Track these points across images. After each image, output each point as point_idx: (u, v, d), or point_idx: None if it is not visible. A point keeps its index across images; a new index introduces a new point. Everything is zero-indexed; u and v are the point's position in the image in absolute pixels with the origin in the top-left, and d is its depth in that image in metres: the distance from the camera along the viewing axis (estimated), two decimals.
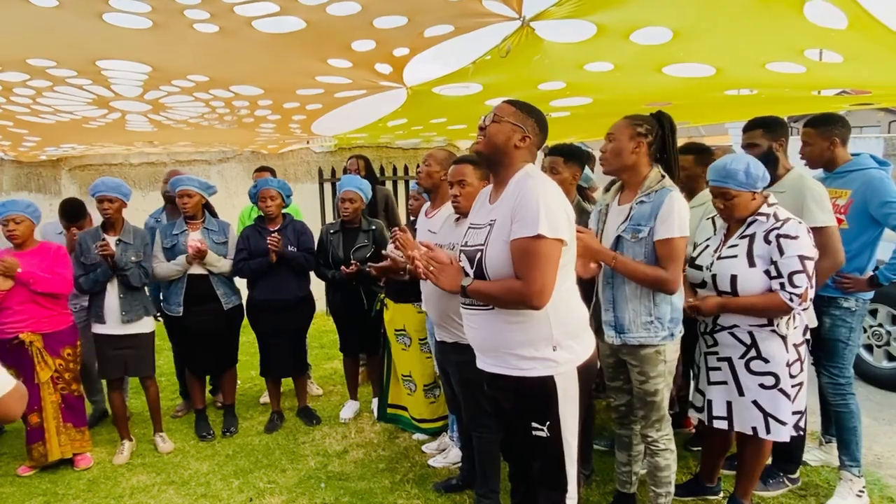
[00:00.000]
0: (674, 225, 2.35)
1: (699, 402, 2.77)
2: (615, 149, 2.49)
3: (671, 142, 2.52)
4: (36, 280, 3.40)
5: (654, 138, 2.49)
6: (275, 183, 4.10)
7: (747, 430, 2.59)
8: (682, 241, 2.38)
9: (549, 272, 1.91)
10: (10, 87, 3.28)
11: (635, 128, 2.46)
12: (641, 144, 2.46)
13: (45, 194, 7.08)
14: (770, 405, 2.52)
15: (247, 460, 3.76)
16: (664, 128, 2.50)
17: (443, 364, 3.13)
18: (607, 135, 2.54)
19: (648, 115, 2.53)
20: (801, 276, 2.38)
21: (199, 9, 2.28)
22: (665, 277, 2.38)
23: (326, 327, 6.19)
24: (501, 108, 2.08)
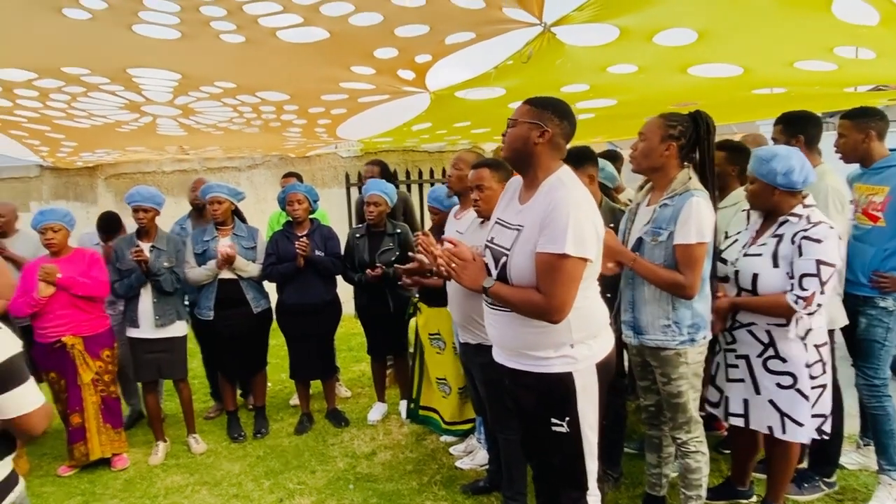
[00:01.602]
0: (691, 231, 2.31)
1: (714, 397, 2.74)
2: (645, 149, 2.46)
3: (707, 143, 2.45)
4: (75, 284, 3.52)
5: (687, 140, 2.43)
6: (302, 187, 4.17)
7: (763, 429, 2.57)
8: (699, 247, 2.33)
9: (571, 290, 1.90)
10: (47, 94, 3.41)
11: (668, 129, 2.41)
12: (672, 147, 2.41)
13: (82, 202, 7.30)
14: (787, 405, 2.49)
15: (277, 461, 3.83)
16: (699, 129, 2.44)
17: (467, 365, 3.15)
18: (639, 133, 2.49)
19: (686, 113, 2.47)
20: (811, 280, 2.34)
21: (225, 21, 2.35)
22: (681, 282, 2.35)
23: (354, 330, 6.24)
24: (517, 110, 2.06)
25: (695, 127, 2.44)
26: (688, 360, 2.47)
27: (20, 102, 3.54)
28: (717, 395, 2.74)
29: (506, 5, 2.24)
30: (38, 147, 5.42)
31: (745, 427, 2.63)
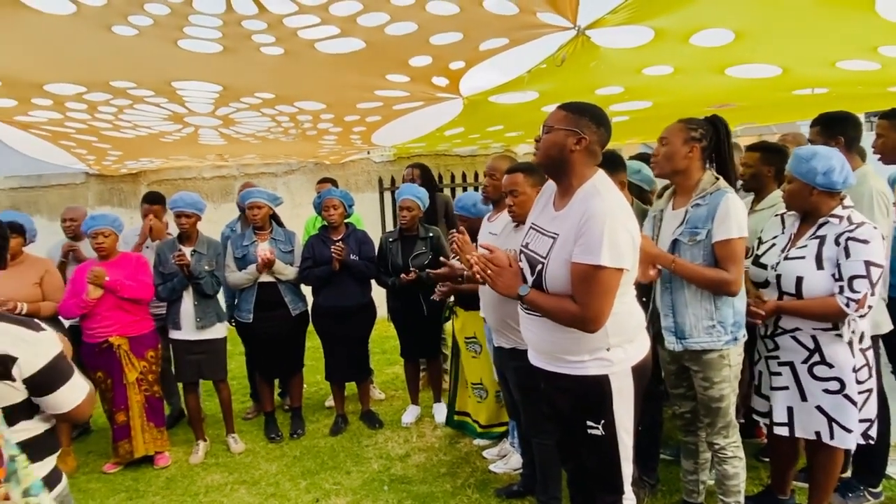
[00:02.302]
0: (732, 226, 2.32)
1: (763, 406, 2.69)
2: (668, 153, 2.46)
3: (726, 146, 2.47)
4: (122, 287, 3.66)
5: (709, 143, 2.44)
6: (337, 192, 4.25)
7: (810, 436, 2.51)
8: (741, 241, 2.34)
9: (607, 301, 1.90)
10: (96, 106, 3.55)
11: (689, 132, 2.42)
12: (695, 149, 2.42)
13: (125, 208, 7.53)
14: (835, 410, 2.43)
15: (313, 462, 3.90)
16: (719, 132, 2.45)
17: (501, 369, 3.16)
18: (660, 138, 2.50)
19: (704, 118, 2.48)
20: (861, 282, 2.29)
21: (266, 34, 2.42)
22: (727, 279, 2.34)
23: (388, 333, 6.31)
24: (552, 116, 2.04)
25: (714, 130, 2.45)
26: (730, 362, 2.45)
27: (70, 115, 3.70)
28: (765, 405, 2.68)
29: (539, 10, 2.25)
30: (86, 156, 5.63)
31: (790, 436, 2.57)
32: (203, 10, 2.19)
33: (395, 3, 2.14)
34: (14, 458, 1.38)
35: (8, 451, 1.37)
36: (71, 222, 4.46)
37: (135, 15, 2.21)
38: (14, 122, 3.89)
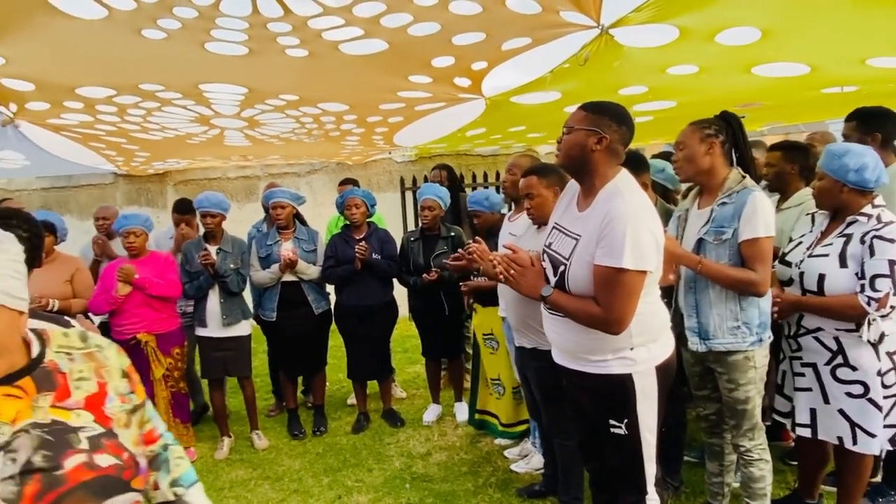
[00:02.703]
0: (759, 225, 2.27)
1: (784, 407, 2.65)
2: (687, 155, 2.43)
3: (743, 140, 2.43)
4: (151, 285, 3.74)
5: (727, 137, 2.40)
6: (360, 192, 4.28)
7: (832, 440, 2.47)
8: (768, 241, 2.30)
9: (630, 303, 1.88)
10: (125, 109, 3.64)
11: (703, 130, 2.39)
12: (714, 145, 2.38)
13: (152, 208, 7.68)
14: (857, 415, 2.38)
15: (335, 459, 3.94)
16: (732, 126, 2.41)
17: (522, 370, 3.16)
18: (676, 143, 2.48)
19: (714, 116, 2.44)
20: (884, 281, 2.24)
21: (291, 36, 2.45)
22: (754, 279, 2.30)
23: (409, 332, 6.33)
24: (572, 116, 2.03)
25: (727, 125, 2.41)
26: (756, 363, 2.41)
27: (100, 117, 3.79)
28: (787, 405, 2.64)
29: (563, 9, 2.25)
30: (115, 157, 5.76)
31: (813, 438, 2.54)
32: (229, 13, 2.23)
33: (418, 3, 2.16)
34: (167, 446, 1.39)
35: (162, 441, 1.37)
36: (103, 221, 4.58)
37: (164, 18, 2.26)
38: (47, 124, 3.99)
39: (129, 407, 1.23)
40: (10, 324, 1.07)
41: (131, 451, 1.19)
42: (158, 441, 1.37)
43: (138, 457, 1.21)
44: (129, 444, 1.20)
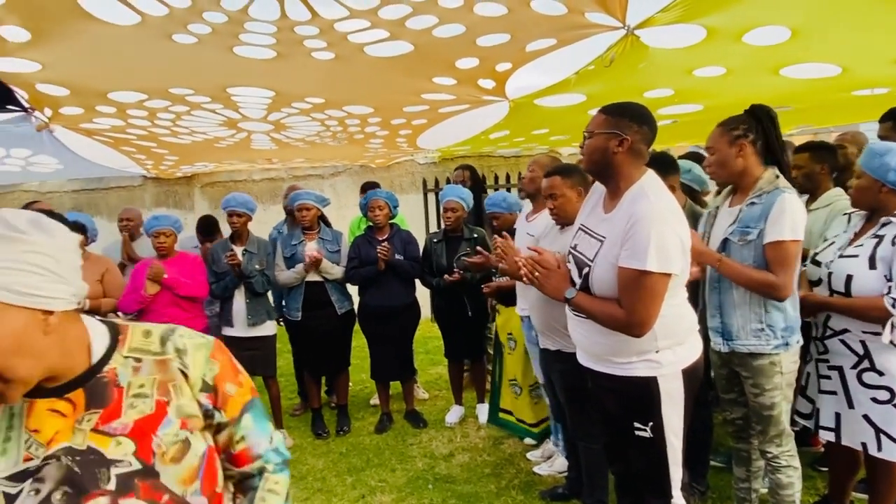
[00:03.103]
0: (784, 227, 2.21)
1: (806, 408, 2.60)
2: (718, 160, 2.39)
3: (774, 134, 2.34)
4: (179, 285, 3.81)
5: (757, 135, 2.34)
6: (383, 193, 4.32)
7: (856, 446, 2.41)
8: (793, 244, 2.23)
9: (654, 306, 1.87)
10: (155, 113, 3.71)
11: (732, 132, 2.34)
12: (744, 146, 2.33)
13: (180, 209, 7.82)
14: (883, 421, 2.33)
15: (359, 459, 3.96)
16: (762, 121, 2.33)
17: (547, 371, 3.15)
18: (706, 147, 2.45)
19: (741, 114, 2.38)
20: None
21: (317, 39, 2.48)
22: (774, 282, 2.24)
23: (431, 333, 6.35)
24: (592, 120, 2.02)
25: (756, 121, 2.34)
26: (782, 369, 2.36)
27: (132, 121, 3.87)
28: (808, 407, 2.60)
29: (588, 10, 2.24)
30: (144, 161, 5.88)
31: (837, 442, 2.49)
32: (258, 17, 2.27)
33: (443, 5, 2.17)
34: (263, 472, 1.23)
35: (259, 462, 1.21)
36: (127, 222, 4.70)
37: (194, 23, 2.31)
38: (79, 129, 4.09)
39: (184, 437, 1.06)
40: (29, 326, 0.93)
41: (176, 491, 1.04)
42: (254, 462, 1.21)
43: (190, 496, 1.06)
44: (175, 482, 1.05)
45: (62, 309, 0.97)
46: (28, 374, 0.93)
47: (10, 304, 0.91)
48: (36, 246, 0.93)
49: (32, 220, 0.96)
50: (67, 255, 0.99)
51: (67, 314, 1.00)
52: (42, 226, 0.96)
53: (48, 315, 0.95)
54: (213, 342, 1.15)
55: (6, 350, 0.90)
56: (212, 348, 1.13)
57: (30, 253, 0.93)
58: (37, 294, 0.93)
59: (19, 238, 0.92)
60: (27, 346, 0.93)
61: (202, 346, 1.12)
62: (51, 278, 0.95)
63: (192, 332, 1.15)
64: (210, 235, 4.73)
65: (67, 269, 0.98)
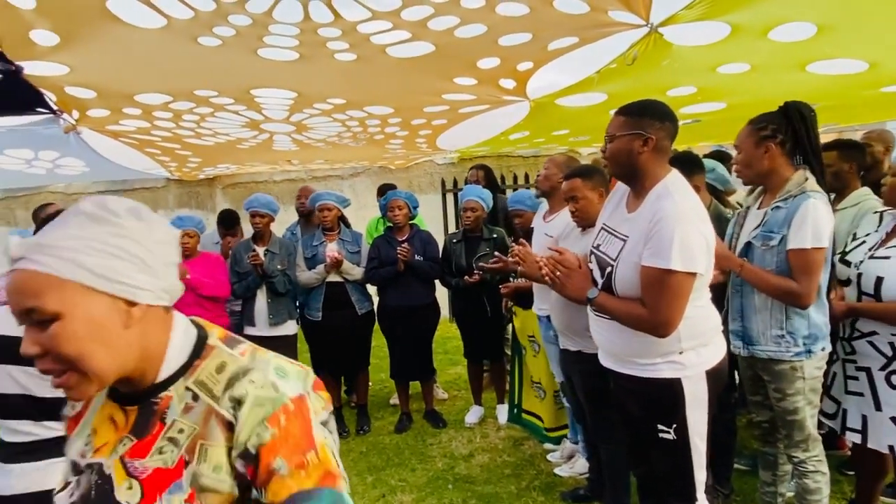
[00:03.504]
0: (807, 235, 2.17)
1: (831, 408, 2.56)
2: (744, 159, 2.36)
3: (806, 133, 2.29)
4: (202, 285, 3.86)
5: (786, 135, 2.29)
6: (402, 194, 4.34)
7: (883, 448, 2.37)
8: (816, 252, 2.18)
9: (678, 305, 1.85)
10: (180, 115, 3.76)
11: (759, 132, 2.30)
12: (771, 147, 2.29)
13: (202, 210, 7.93)
14: None
15: (379, 458, 3.98)
16: (793, 120, 2.29)
17: (567, 372, 3.13)
18: (735, 145, 2.42)
19: (774, 110, 2.35)
20: None
21: (340, 40, 2.50)
22: (795, 290, 2.21)
23: (449, 333, 6.36)
24: (611, 123, 2.01)
25: (787, 119, 2.29)
26: (804, 374, 2.32)
27: (157, 123, 3.93)
28: (833, 407, 2.56)
29: (611, 8, 2.22)
30: (168, 163, 5.95)
31: (863, 444, 2.45)
32: (282, 20, 2.29)
33: (465, 5, 2.17)
34: None
35: None
36: None
37: (219, 26, 2.33)
38: (106, 131, 4.16)
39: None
40: (109, 314, 0.86)
41: None
42: None
43: None
44: None
45: (147, 302, 0.89)
46: (103, 366, 0.86)
47: (91, 286, 0.84)
48: (128, 231, 0.88)
49: (132, 208, 0.91)
50: (162, 247, 0.92)
51: (154, 311, 0.92)
52: (140, 215, 0.91)
53: (132, 306, 0.88)
54: (282, 402, 0.88)
55: (83, 335, 0.84)
56: (276, 408, 0.88)
57: (120, 237, 0.87)
58: (121, 281, 0.86)
59: (111, 220, 0.87)
60: (105, 336, 0.86)
61: (265, 403, 0.88)
62: (139, 266, 0.88)
63: (267, 379, 0.90)
64: (231, 228, 4.83)
65: (160, 262, 0.91)
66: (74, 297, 0.83)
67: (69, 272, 0.83)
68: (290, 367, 0.96)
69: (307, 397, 0.92)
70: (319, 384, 0.98)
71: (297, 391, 0.91)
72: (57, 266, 0.83)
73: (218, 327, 1.04)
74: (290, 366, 0.96)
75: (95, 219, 0.87)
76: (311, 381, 0.96)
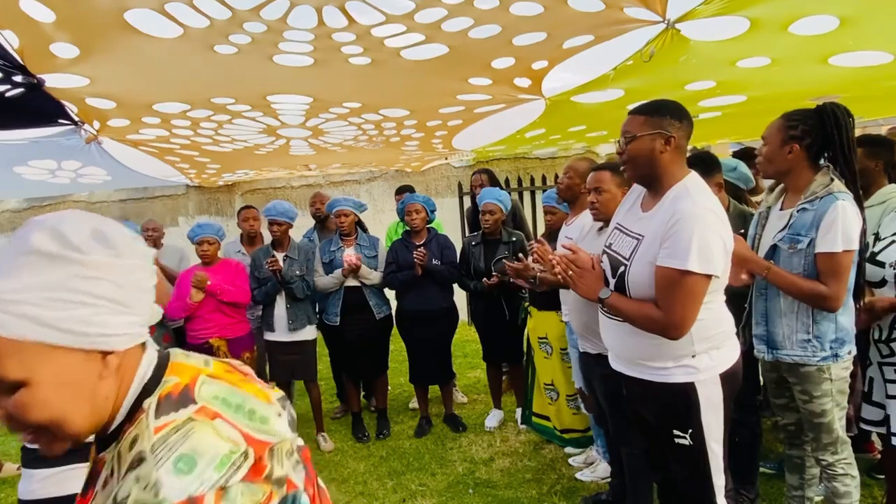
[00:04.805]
0: (837, 238, 2.12)
1: (876, 415, 2.48)
2: (768, 154, 2.32)
3: (840, 139, 2.23)
4: (223, 291, 3.89)
5: (814, 139, 2.24)
6: (420, 198, 4.33)
7: None
8: (846, 255, 2.14)
9: (692, 307, 1.82)
10: (198, 122, 3.80)
11: (788, 130, 2.25)
12: (795, 149, 2.25)
13: (222, 217, 8.01)
14: None
15: (399, 462, 3.97)
16: (826, 125, 2.24)
17: (588, 376, 3.10)
18: (762, 137, 2.37)
19: (810, 109, 2.30)
20: None
21: (354, 45, 2.50)
22: (825, 294, 2.15)
23: (468, 337, 6.34)
24: (629, 123, 1.97)
25: (821, 123, 2.24)
26: (831, 376, 2.26)
27: (175, 131, 3.97)
28: (878, 413, 2.48)
29: (627, 5, 2.19)
30: (188, 170, 6.03)
31: None
32: (296, 26, 2.30)
33: (479, 6, 2.15)
34: None
35: None
36: (152, 232, 4.98)
37: (235, 34, 2.35)
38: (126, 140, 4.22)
39: None
40: (81, 370, 0.74)
41: None
42: None
43: None
44: None
45: (124, 348, 0.78)
46: (78, 428, 0.75)
47: (59, 345, 0.72)
48: (95, 269, 0.74)
49: (96, 233, 0.77)
50: (135, 276, 0.79)
51: (130, 352, 0.80)
52: (107, 240, 0.77)
53: (106, 355, 0.76)
54: None
55: (53, 400, 0.72)
56: None
57: (86, 280, 0.73)
58: (93, 333, 0.74)
59: (73, 259, 0.73)
60: (78, 394, 0.74)
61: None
62: (111, 310, 0.75)
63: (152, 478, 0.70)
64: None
65: (133, 295, 0.79)
66: (38, 359, 0.70)
67: (29, 332, 0.69)
68: (210, 452, 0.74)
69: (208, 498, 0.70)
70: (259, 470, 0.76)
71: (189, 494, 0.69)
72: (12, 326, 0.69)
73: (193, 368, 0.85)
74: (213, 449, 0.74)
75: (53, 259, 0.73)
76: (244, 469, 0.75)
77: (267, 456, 0.78)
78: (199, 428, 0.76)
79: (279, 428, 0.83)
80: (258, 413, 0.83)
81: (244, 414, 0.81)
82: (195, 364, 0.87)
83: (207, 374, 0.85)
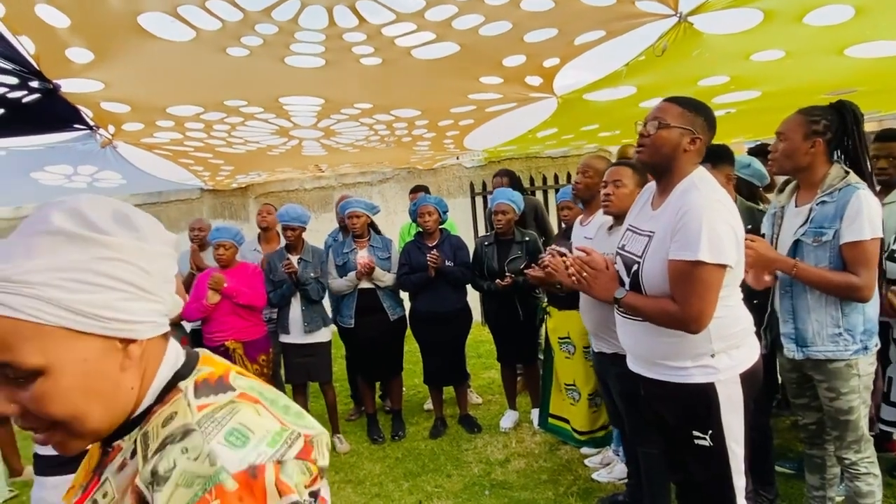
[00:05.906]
0: (864, 226, 2.09)
1: (895, 416, 2.43)
2: (787, 150, 2.28)
3: (856, 135, 2.23)
4: (239, 294, 3.91)
5: (834, 134, 2.22)
6: (432, 199, 4.33)
7: None
8: (874, 243, 2.11)
9: (709, 299, 1.79)
10: (211, 125, 3.83)
11: (811, 125, 2.22)
12: (818, 143, 2.22)
13: (236, 220, 8.07)
14: None
15: (414, 464, 3.96)
16: (846, 121, 2.22)
17: (602, 375, 3.07)
18: (777, 133, 2.32)
19: (828, 105, 2.28)
20: None
21: (365, 45, 2.50)
22: (857, 284, 2.12)
23: (482, 337, 6.32)
24: (665, 110, 1.94)
25: (840, 119, 2.22)
26: (859, 371, 2.22)
27: (189, 134, 4.01)
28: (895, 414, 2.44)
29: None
30: (202, 172, 6.08)
31: None
32: (307, 27, 2.30)
33: (489, 3, 2.15)
34: None
35: None
36: (199, 231, 4.88)
37: (246, 36, 2.36)
38: (140, 143, 4.26)
39: None
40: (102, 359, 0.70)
41: None
42: None
43: None
44: None
45: (147, 337, 0.74)
46: (99, 424, 0.71)
47: (79, 330, 0.67)
48: (118, 251, 0.70)
49: (119, 214, 0.73)
50: (161, 262, 0.75)
51: (152, 343, 0.76)
52: (131, 222, 0.73)
53: (128, 344, 0.72)
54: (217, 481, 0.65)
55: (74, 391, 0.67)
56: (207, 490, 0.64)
57: (109, 261, 0.69)
58: (115, 318, 0.69)
59: (96, 240, 0.69)
60: (100, 387, 0.70)
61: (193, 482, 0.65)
62: (135, 295, 0.71)
63: (205, 449, 0.67)
64: None
65: (159, 281, 0.74)
66: (59, 346, 0.66)
67: (48, 315, 0.65)
68: (261, 428, 0.72)
69: (269, 469, 0.67)
70: (308, 451, 0.74)
71: (249, 462, 0.67)
72: (31, 308, 0.64)
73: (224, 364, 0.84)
74: (264, 426, 0.72)
75: (74, 239, 0.68)
76: (297, 447, 0.72)
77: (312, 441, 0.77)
78: (245, 408, 0.74)
79: (314, 423, 0.81)
80: (293, 409, 0.81)
81: (280, 408, 0.79)
82: (224, 362, 0.86)
83: (237, 371, 0.84)
